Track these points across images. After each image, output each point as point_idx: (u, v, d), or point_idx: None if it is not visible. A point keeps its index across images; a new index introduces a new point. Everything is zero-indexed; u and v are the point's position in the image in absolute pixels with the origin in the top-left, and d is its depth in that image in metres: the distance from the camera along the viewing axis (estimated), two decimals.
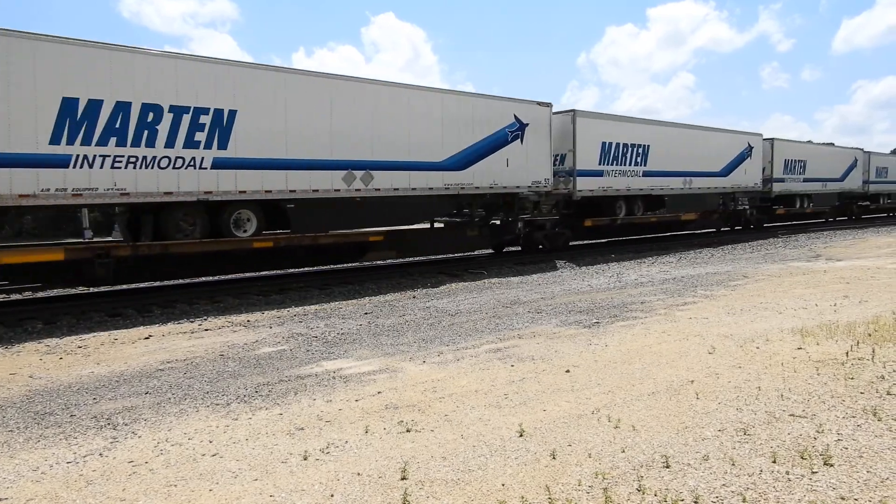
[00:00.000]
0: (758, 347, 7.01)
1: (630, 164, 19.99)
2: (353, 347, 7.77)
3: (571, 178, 18.27)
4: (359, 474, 4.10)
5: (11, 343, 8.53)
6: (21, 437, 4.98)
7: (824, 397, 5.30)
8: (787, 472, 3.92)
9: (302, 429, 4.98)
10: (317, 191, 12.66)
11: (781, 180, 27.43)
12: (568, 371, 6.35)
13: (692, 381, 5.85)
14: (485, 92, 16.16)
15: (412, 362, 6.93)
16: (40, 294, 12.20)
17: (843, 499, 3.59)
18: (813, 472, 3.91)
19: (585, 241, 21.34)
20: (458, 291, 12.41)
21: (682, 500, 3.61)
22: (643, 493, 3.69)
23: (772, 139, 26.67)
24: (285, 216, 12.65)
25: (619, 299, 10.67)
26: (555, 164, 18.02)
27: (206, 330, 9.23)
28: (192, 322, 9.85)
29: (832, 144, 35.08)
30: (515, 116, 16.31)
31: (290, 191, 12.30)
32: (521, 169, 16.48)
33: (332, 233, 13.44)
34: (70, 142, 9.85)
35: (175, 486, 4.03)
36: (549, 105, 17.27)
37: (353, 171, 13.18)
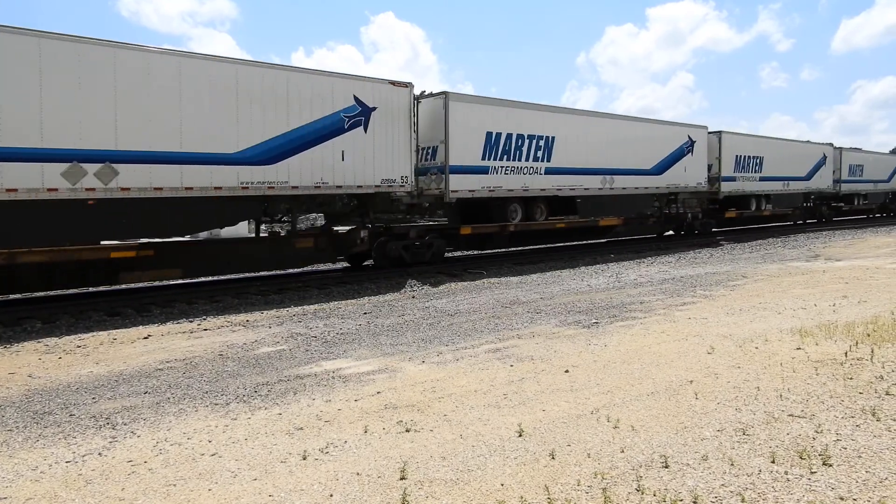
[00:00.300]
0: (757, 348, 7.02)
1: (527, 160, 16.52)
2: (352, 347, 7.77)
3: (444, 176, 14.90)
4: (358, 474, 4.11)
5: (10, 342, 8.52)
6: (20, 436, 4.98)
7: (823, 397, 5.31)
8: (786, 473, 3.93)
9: (301, 429, 4.98)
10: (15, 190, 9.16)
11: (732, 179, 24.58)
12: (567, 371, 6.35)
13: (691, 382, 5.85)
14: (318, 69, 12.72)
15: (411, 362, 6.94)
16: (39, 293, 12.19)
17: (841, 499, 3.60)
18: (812, 473, 3.92)
19: (468, 253, 18.26)
20: (457, 291, 12.41)
21: (682, 501, 3.61)
22: (642, 494, 3.70)
23: (719, 132, 23.81)
24: None
25: (618, 299, 10.68)
26: (426, 159, 15.12)
27: (205, 330, 9.23)
28: (191, 322, 9.85)
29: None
30: (356, 98, 13.03)
31: None
32: (364, 164, 13.22)
33: (43, 249, 9.73)
34: None
35: (174, 485, 4.03)
36: (407, 85, 14.12)
37: (83, 164, 9.67)
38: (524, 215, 16.96)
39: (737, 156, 24.75)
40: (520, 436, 4.66)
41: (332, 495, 3.82)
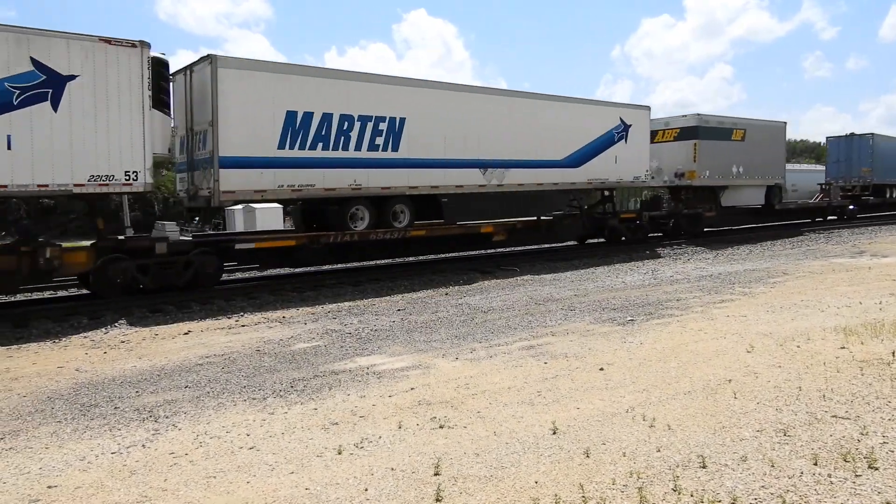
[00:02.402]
0: (798, 346, 6.85)
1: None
2: (385, 344, 7.84)
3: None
4: (392, 469, 4.15)
5: (59, 337, 8.84)
6: (69, 427, 5.17)
7: (869, 398, 5.15)
8: (829, 475, 3.83)
9: (336, 423, 5.05)
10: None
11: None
12: (602, 369, 6.29)
13: (730, 381, 5.74)
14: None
15: (445, 359, 6.96)
16: (85, 290, 12.59)
17: (888, 503, 3.49)
18: (857, 476, 3.81)
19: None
20: (490, 288, 12.39)
21: (720, 502, 3.55)
22: (679, 494, 3.65)
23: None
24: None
25: (654, 296, 10.52)
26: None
27: (243, 326, 9.41)
28: (229, 318, 10.05)
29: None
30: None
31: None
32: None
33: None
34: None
35: (214, 477, 4.13)
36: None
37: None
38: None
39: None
40: (554, 433, 4.64)
41: (367, 489, 3.87)
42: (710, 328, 7.95)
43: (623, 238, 18.90)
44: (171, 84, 11.57)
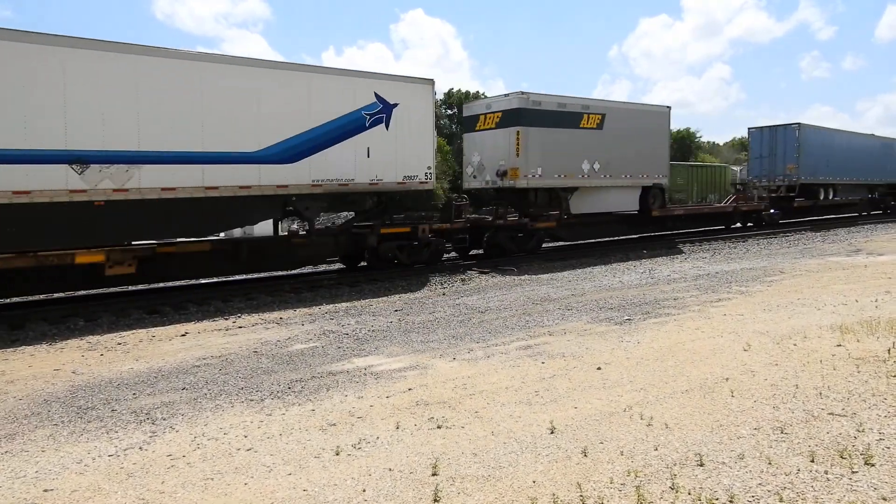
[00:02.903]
0: (795, 344, 6.86)
1: None
2: (383, 344, 7.84)
3: None
4: (390, 470, 4.14)
5: (55, 339, 8.81)
6: (65, 430, 5.16)
7: (865, 395, 5.16)
8: (826, 472, 3.84)
9: (334, 424, 5.05)
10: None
11: None
12: (599, 368, 6.30)
13: (727, 379, 5.76)
14: None
15: (442, 359, 6.96)
16: (82, 292, 12.56)
17: (884, 499, 3.50)
18: (853, 472, 3.82)
19: None
20: (487, 289, 12.39)
21: (717, 499, 3.56)
22: (677, 492, 3.65)
23: None
24: None
25: (651, 296, 10.54)
26: None
27: (241, 327, 9.40)
28: (226, 319, 10.03)
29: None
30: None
31: None
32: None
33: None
34: None
35: (212, 479, 4.13)
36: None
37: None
38: None
39: None
40: (552, 433, 4.65)
41: (364, 490, 3.87)
42: (707, 327, 7.97)
43: (396, 261, 13.95)
44: None
